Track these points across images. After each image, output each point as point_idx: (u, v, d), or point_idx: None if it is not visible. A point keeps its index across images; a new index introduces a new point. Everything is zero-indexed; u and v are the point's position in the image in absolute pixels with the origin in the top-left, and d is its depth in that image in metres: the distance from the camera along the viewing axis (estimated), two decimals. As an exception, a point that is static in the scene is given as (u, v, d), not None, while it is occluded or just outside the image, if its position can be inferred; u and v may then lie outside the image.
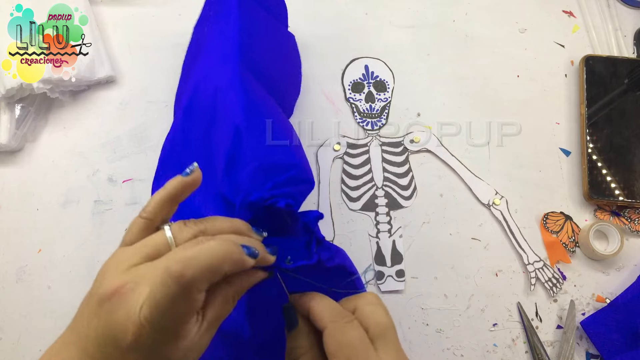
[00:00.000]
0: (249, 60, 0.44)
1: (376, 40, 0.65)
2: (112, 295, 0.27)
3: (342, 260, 0.37)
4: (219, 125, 0.42)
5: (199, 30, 0.57)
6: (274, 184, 0.36)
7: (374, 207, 0.57)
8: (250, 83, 0.42)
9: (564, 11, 0.68)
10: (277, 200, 0.35)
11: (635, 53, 0.65)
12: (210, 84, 0.44)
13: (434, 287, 0.55)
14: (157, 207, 0.31)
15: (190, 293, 0.27)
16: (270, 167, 0.37)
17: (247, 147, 0.37)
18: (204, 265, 0.27)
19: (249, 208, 0.36)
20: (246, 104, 0.39)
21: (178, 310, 0.27)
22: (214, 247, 0.28)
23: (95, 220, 0.57)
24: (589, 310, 0.54)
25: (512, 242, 0.56)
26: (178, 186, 0.31)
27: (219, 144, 0.41)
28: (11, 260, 0.55)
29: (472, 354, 0.52)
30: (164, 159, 0.49)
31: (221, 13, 0.50)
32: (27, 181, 0.58)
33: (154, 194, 0.31)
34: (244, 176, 0.36)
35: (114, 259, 0.30)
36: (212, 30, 0.51)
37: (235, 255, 0.28)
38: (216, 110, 0.42)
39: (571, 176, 0.60)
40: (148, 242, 0.30)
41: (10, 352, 0.52)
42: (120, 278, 0.28)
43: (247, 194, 0.36)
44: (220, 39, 0.47)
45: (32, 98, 0.59)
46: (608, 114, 0.60)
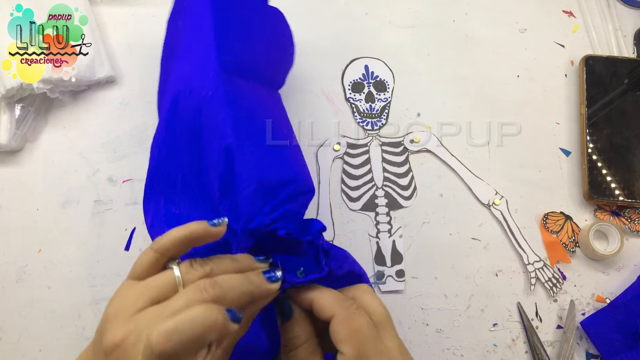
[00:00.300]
0: (229, 58, 0.42)
1: (376, 40, 0.65)
2: (115, 349, 0.28)
3: (351, 266, 0.37)
4: (208, 143, 0.40)
5: (173, 23, 0.54)
6: (273, 207, 0.35)
7: (374, 207, 0.57)
8: (235, 90, 0.40)
9: (564, 11, 0.68)
10: (277, 228, 0.34)
11: (635, 53, 0.65)
12: (192, 95, 0.42)
13: (434, 287, 0.55)
14: (173, 245, 0.30)
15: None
16: (267, 187, 0.36)
17: (240, 169, 0.36)
18: (187, 338, 0.26)
19: (250, 235, 0.35)
20: (234, 119, 0.38)
21: None
22: (197, 316, 0.27)
23: (95, 220, 0.57)
24: (589, 310, 0.54)
25: (512, 242, 0.56)
26: (201, 232, 0.31)
27: (211, 163, 0.39)
28: (11, 260, 0.55)
29: (472, 354, 0.52)
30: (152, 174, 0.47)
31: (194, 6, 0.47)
32: (27, 181, 0.58)
33: (173, 230, 0.31)
34: (241, 200, 0.35)
35: (121, 297, 0.30)
36: (186, 26, 0.49)
37: (219, 324, 0.28)
38: (202, 125, 0.41)
39: (571, 176, 0.60)
40: (154, 282, 0.30)
41: (10, 352, 0.52)
42: (123, 328, 0.28)
43: (247, 221, 0.35)
44: (197, 40, 0.45)
45: (32, 98, 0.59)
46: (608, 114, 0.60)
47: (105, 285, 0.54)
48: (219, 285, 0.29)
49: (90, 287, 0.54)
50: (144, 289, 0.30)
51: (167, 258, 0.31)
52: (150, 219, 0.46)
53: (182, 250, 0.31)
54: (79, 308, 0.53)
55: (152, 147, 0.52)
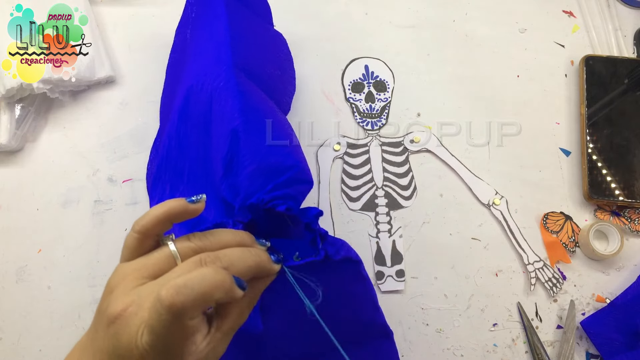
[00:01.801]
0: (241, 60, 0.44)
1: (376, 40, 0.65)
2: (117, 318, 0.28)
3: (348, 252, 0.38)
4: (216, 129, 0.41)
5: (182, 32, 0.57)
6: (274, 186, 0.36)
7: (374, 207, 0.57)
8: (245, 84, 0.42)
9: (564, 11, 0.68)
10: (277, 204, 0.35)
11: (635, 53, 0.65)
12: (205, 87, 0.43)
13: (434, 287, 0.55)
14: (152, 223, 0.30)
15: (182, 320, 0.27)
16: (269, 169, 0.37)
17: (245, 150, 0.37)
18: (195, 294, 0.27)
19: (248, 210, 0.36)
20: (242, 106, 0.39)
21: (174, 336, 0.27)
22: (206, 275, 0.28)
23: (95, 220, 0.56)
24: (589, 310, 0.54)
25: (512, 242, 0.56)
26: (179, 209, 0.31)
27: (217, 147, 0.41)
28: (11, 260, 0.55)
29: (472, 354, 0.52)
30: (159, 162, 0.49)
31: (208, 15, 0.49)
32: (27, 181, 0.58)
33: (151, 209, 0.31)
34: (242, 178, 0.36)
35: (118, 275, 0.30)
36: (199, 33, 0.51)
37: (227, 284, 0.28)
38: (212, 114, 0.42)
39: (571, 176, 0.60)
40: (151, 259, 0.30)
41: (10, 352, 0.52)
42: (124, 300, 0.28)
43: (247, 197, 0.36)
44: (211, 41, 0.47)
45: (32, 98, 0.59)
46: (608, 114, 0.60)
47: (105, 285, 0.54)
48: (220, 259, 0.30)
49: (90, 287, 0.54)
50: (141, 265, 0.30)
51: (150, 237, 0.31)
52: (155, 204, 0.47)
53: (162, 227, 0.31)
54: (79, 308, 0.53)
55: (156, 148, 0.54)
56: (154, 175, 0.51)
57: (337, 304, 0.39)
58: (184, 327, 0.28)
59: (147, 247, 0.31)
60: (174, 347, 0.28)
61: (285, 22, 0.62)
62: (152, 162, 0.57)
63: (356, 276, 0.40)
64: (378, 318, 0.43)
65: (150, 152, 0.58)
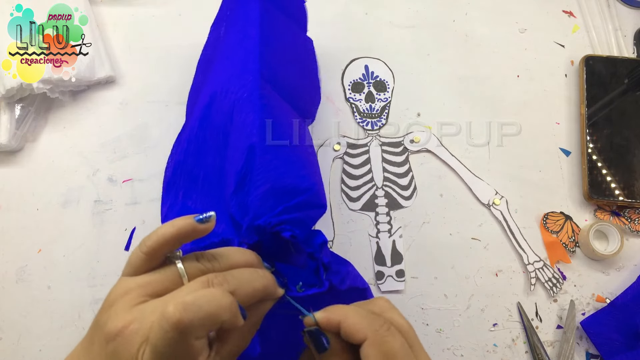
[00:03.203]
0: (269, 69, 0.43)
1: (376, 40, 0.65)
2: (117, 336, 0.27)
3: (354, 281, 0.37)
4: (234, 141, 0.41)
5: (216, 30, 0.56)
6: (283, 209, 0.35)
7: (374, 207, 0.57)
8: (269, 98, 0.41)
9: (564, 11, 0.68)
10: (283, 229, 0.34)
11: (635, 53, 0.65)
12: (229, 96, 0.42)
13: (434, 287, 0.55)
14: (160, 243, 0.30)
15: (188, 339, 0.26)
16: (281, 191, 0.36)
17: (259, 168, 0.36)
18: (204, 313, 0.26)
19: (255, 231, 0.35)
20: (262, 122, 0.38)
21: (177, 355, 0.26)
22: (215, 295, 0.27)
23: (95, 220, 0.56)
24: (589, 310, 0.54)
25: (512, 242, 0.56)
26: (187, 228, 0.30)
27: (232, 161, 0.40)
28: (11, 260, 0.55)
29: (472, 354, 0.52)
30: (175, 166, 0.47)
31: (242, 16, 0.48)
32: (27, 181, 0.58)
33: (160, 227, 0.30)
34: (254, 198, 0.35)
35: (120, 289, 0.29)
36: (231, 33, 0.50)
37: (234, 308, 0.27)
38: (232, 125, 0.41)
39: (571, 176, 0.60)
40: (157, 276, 0.29)
41: (10, 352, 0.52)
42: (125, 316, 0.27)
43: (255, 217, 0.35)
44: (241, 46, 0.46)
45: (32, 98, 0.59)
46: (608, 114, 0.60)
47: (105, 285, 0.54)
48: (228, 282, 0.29)
49: (90, 287, 0.54)
50: (146, 282, 0.29)
51: (157, 258, 0.30)
52: (166, 209, 0.47)
53: (170, 248, 0.30)
54: (79, 308, 0.53)
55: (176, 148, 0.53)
56: (169, 179, 0.50)
57: None
58: (189, 348, 0.26)
59: (152, 265, 0.30)
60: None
61: (285, 22, 0.62)
62: (169, 163, 0.56)
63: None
64: None
65: (172, 148, 0.57)
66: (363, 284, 0.38)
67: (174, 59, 0.63)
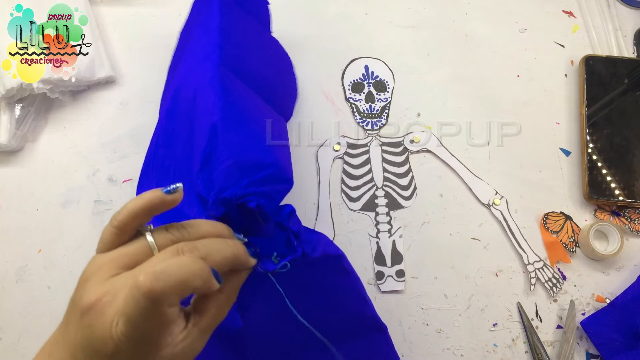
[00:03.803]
0: (232, 61, 0.44)
1: (376, 40, 0.65)
2: (90, 309, 0.27)
3: (325, 248, 0.37)
4: (198, 125, 0.41)
5: (185, 33, 0.57)
6: (250, 182, 0.35)
7: (374, 207, 0.57)
8: (230, 82, 0.42)
9: (564, 11, 0.68)
10: (248, 199, 0.34)
11: (635, 53, 0.65)
12: (191, 84, 0.43)
13: (434, 287, 0.55)
14: (130, 217, 0.30)
15: (160, 307, 0.26)
16: (245, 165, 0.36)
17: (222, 145, 0.37)
18: (174, 280, 0.26)
19: (221, 204, 0.35)
20: (224, 101, 0.39)
21: (151, 324, 0.27)
22: (184, 262, 0.27)
23: (95, 220, 0.57)
24: (589, 310, 0.54)
25: (512, 242, 0.56)
26: (156, 201, 0.30)
27: (197, 143, 0.40)
28: (11, 260, 0.55)
29: (472, 354, 0.52)
30: (147, 161, 0.49)
31: (204, 15, 0.49)
32: (27, 181, 0.58)
33: (129, 202, 0.30)
34: (218, 173, 0.36)
35: (92, 266, 0.30)
36: (193, 33, 0.51)
37: (205, 273, 0.28)
38: (195, 110, 0.42)
39: (571, 176, 0.60)
40: (127, 249, 0.30)
41: (10, 352, 0.52)
42: (98, 289, 0.28)
43: (221, 190, 0.35)
44: (201, 40, 0.47)
45: (32, 98, 0.59)
46: (608, 114, 0.60)
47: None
48: (198, 249, 0.29)
49: (90, 287, 0.54)
50: (117, 256, 0.29)
51: (127, 231, 0.30)
52: None
53: (140, 221, 0.30)
54: (79, 308, 0.53)
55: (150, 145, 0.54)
56: (142, 172, 0.51)
57: (320, 299, 0.39)
58: (162, 315, 0.27)
59: (124, 240, 0.30)
60: (150, 336, 0.27)
61: (286, 22, 0.62)
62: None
63: (338, 270, 0.39)
64: (367, 311, 0.43)
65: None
66: (336, 250, 0.38)
67: (174, 59, 0.63)
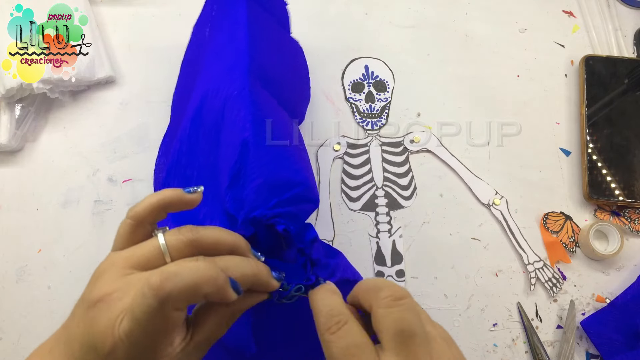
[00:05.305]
0: (258, 67, 0.44)
1: (376, 40, 0.65)
2: (99, 302, 0.27)
3: (343, 273, 0.37)
4: (226, 138, 0.41)
5: (201, 30, 0.56)
6: (277, 202, 0.35)
7: (374, 207, 0.57)
8: (259, 95, 0.42)
9: (564, 11, 0.68)
10: (277, 222, 0.34)
11: (635, 53, 0.65)
12: (219, 94, 0.43)
13: (434, 287, 0.55)
14: (146, 210, 0.30)
15: (167, 308, 0.26)
16: (275, 184, 0.36)
17: (253, 162, 0.36)
18: (185, 282, 0.26)
19: (251, 223, 0.35)
20: (255, 117, 0.39)
21: (155, 325, 0.26)
22: (199, 267, 0.27)
23: (95, 220, 0.56)
24: (589, 310, 0.54)
25: (512, 242, 0.56)
26: (175, 199, 0.31)
27: (225, 157, 0.40)
28: (11, 260, 0.55)
29: (472, 354, 0.52)
30: (169, 167, 0.48)
31: (228, 16, 0.49)
32: (27, 181, 0.58)
33: (147, 196, 0.31)
34: (249, 191, 0.36)
35: (106, 263, 0.30)
36: (217, 33, 0.50)
37: (219, 281, 0.27)
38: (224, 122, 0.42)
39: (571, 176, 0.60)
40: (140, 249, 0.29)
41: (10, 352, 0.52)
42: (110, 285, 0.28)
43: (251, 210, 0.35)
44: (230, 46, 0.46)
45: (32, 98, 0.59)
46: (608, 114, 0.60)
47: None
48: (215, 261, 0.29)
49: (90, 287, 0.54)
50: (131, 255, 0.29)
51: (143, 225, 0.30)
52: None
53: (156, 216, 0.30)
54: (79, 308, 0.53)
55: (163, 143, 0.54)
56: (163, 179, 0.50)
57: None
58: (166, 318, 0.26)
59: (140, 236, 0.30)
60: (151, 341, 0.27)
61: (285, 22, 0.62)
62: (160, 165, 0.56)
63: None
64: None
65: (159, 149, 0.57)
66: (354, 274, 0.38)
67: (174, 59, 0.62)
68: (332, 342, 0.29)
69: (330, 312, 0.30)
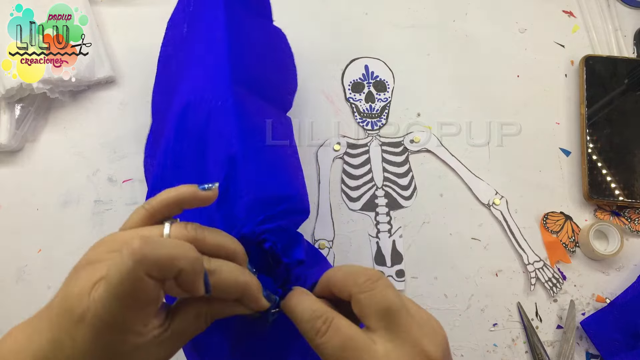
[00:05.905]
0: (240, 70, 0.43)
1: (376, 40, 0.65)
2: (85, 265, 0.27)
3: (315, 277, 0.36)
4: (212, 152, 0.40)
5: (177, 27, 0.55)
6: (265, 218, 0.35)
7: (374, 207, 0.57)
8: (245, 103, 0.41)
9: (564, 11, 0.68)
10: (265, 239, 0.34)
11: (635, 53, 0.65)
12: (203, 106, 0.42)
13: (434, 287, 0.55)
14: (162, 204, 0.30)
15: (140, 273, 0.25)
16: (263, 200, 0.36)
17: (242, 177, 0.36)
18: (163, 252, 0.25)
19: (240, 240, 0.35)
20: (241, 129, 0.38)
21: (127, 291, 0.25)
22: (184, 245, 0.27)
23: (95, 220, 0.56)
24: (589, 310, 0.54)
25: (512, 242, 0.56)
26: (190, 195, 0.31)
27: (213, 172, 0.39)
28: (11, 260, 0.55)
29: (472, 354, 0.52)
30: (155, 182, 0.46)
31: (206, 15, 0.48)
32: (27, 181, 0.58)
33: (164, 191, 0.31)
34: (240, 209, 0.35)
35: (107, 238, 0.30)
36: (196, 34, 0.49)
37: (196, 266, 0.27)
38: (208, 135, 0.41)
39: (571, 176, 0.60)
40: (143, 231, 0.30)
41: (10, 352, 0.52)
42: (100, 255, 0.28)
43: (241, 227, 0.35)
44: (209, 48, 0.45)
45: (32, 98, 0.59)
46: (608, 114, 0.60)
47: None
48: (210, 261, 0.29)
49: (90, 287, 0.54)
50: (134, 234, 0.30)
51: (156, 218, 0.31)
52: None
53: (171, 211, 0.31)
54: (79, 308, 0.53)
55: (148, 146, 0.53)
56: (148, 194, 0.49)
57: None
58: (140, 284, 0.25)
59: (150, 225, 0.31)
60: (123, 308, 0.26)
61: (285, 22, 0.62)
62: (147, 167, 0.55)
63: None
64: None
65: (145, 150, 0.57)
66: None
67: (174, 59, 0.62)
68: (326, 344, 0.29)
69: (313, 314, 0.30)
